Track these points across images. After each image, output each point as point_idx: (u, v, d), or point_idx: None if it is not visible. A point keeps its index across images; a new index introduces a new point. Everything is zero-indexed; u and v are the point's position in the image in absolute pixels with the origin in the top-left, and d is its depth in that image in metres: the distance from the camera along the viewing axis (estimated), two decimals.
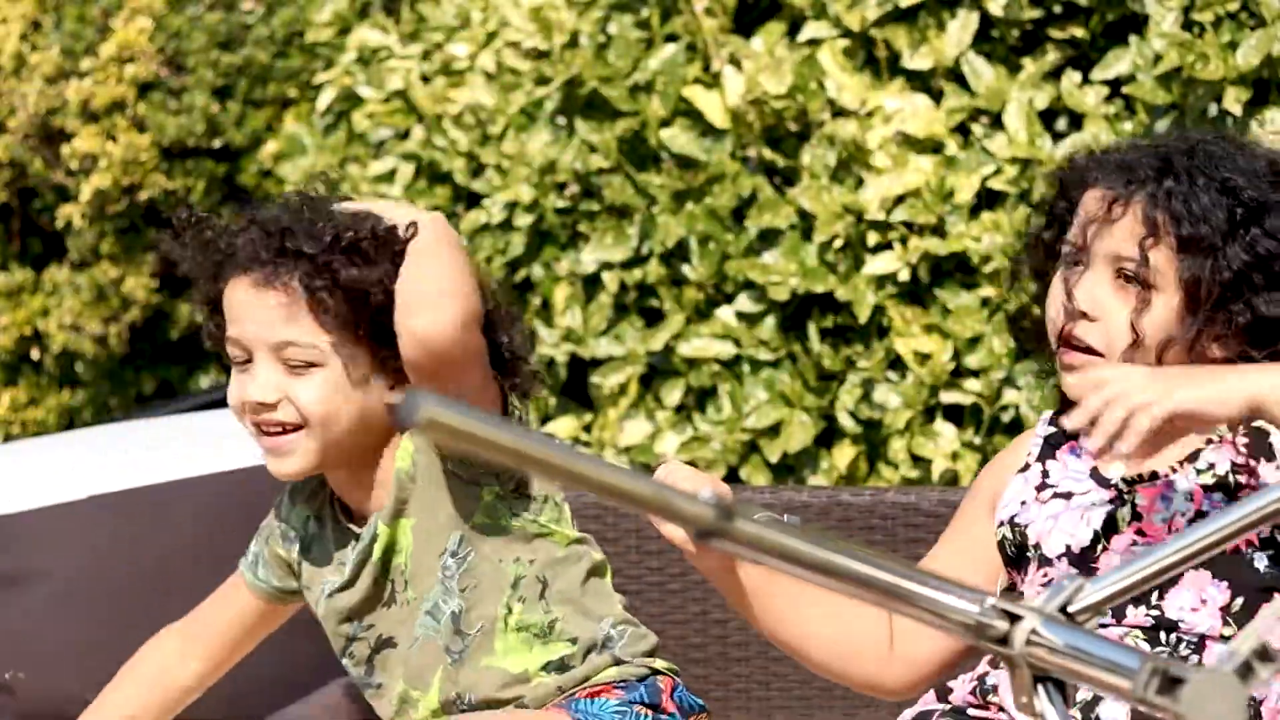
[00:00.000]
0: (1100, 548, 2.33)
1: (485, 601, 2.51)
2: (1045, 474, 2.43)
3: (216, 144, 5.25)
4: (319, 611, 2.60)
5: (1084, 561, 2.34)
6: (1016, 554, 2.41)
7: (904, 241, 3.77)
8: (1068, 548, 2.35)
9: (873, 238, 3.80)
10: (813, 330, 3.92)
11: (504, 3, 4.44)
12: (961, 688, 2.36)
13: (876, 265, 3.77)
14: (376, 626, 2.54)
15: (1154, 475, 2.34)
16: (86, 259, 5.33)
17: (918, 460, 3.78)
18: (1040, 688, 1.60)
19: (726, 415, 3.97)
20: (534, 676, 2.51)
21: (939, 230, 3.75)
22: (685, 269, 4.06)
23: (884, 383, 3.82)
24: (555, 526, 2.54)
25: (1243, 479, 2.29)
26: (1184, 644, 2.26)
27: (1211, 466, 2.31)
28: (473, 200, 4.52)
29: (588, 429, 4.26)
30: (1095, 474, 2.39)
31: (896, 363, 3.81)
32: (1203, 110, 3.46)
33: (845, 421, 3.86)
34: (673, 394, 4.07)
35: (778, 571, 2.23)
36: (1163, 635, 2.27)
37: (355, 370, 2.44)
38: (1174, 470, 2.33)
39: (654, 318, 4.17)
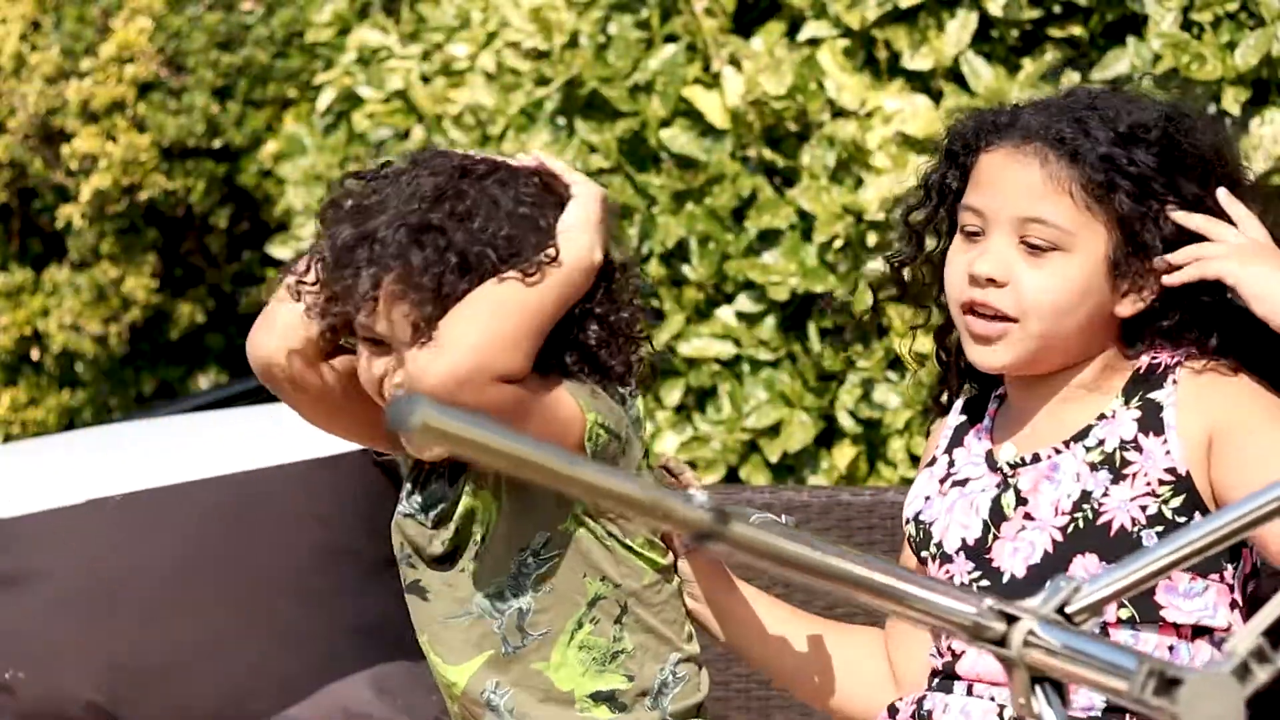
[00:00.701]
0: (991, 537, 2.29)
1: (556, 610, 2.41)
2: (951, 463, 2.39)
3: (216, 144, 5.26)
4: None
5: (979, 554, 2.30)
6: (919, 551, 2.38)
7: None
8: (963, 541, 2.31)
9: (873, 238, 3.80)
10: (813, 330, 3.92)
11: (504, 3, 4.45)
12: (905, 710, 2.35)
13: (876, 265, 3.77)
14: (417, 569, 2.46)
15: (1036, 457, 2.30)
16: (86, 259, 5.33)
17: (917, 460, 3.78)
18: (1038, 689, 1.59)
19: (726, 415, 3.97)
20: (579, 701, 2.41)
21: None
22: (685, 269, 4.06)
23: (884, 382, 3.82)
24: (646, 551, 2.43)
25: (1130, 455, 2.24)
26: None
27: (1101, 443, 2.26)
28: None
29: None
30: (989, 458, 2.35)
31: (896, 363, 3.82)
32: (1201, 110, 3.47)
33: (845, 421, 3.86)
34: (673, 394, 4.07)
35: (776, 576, 2.21)
36: None
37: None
38: (1058, 451, 2.28)
39: (654, 318, 4.17)
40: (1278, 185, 3.46)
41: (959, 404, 2.45)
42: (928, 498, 2.39)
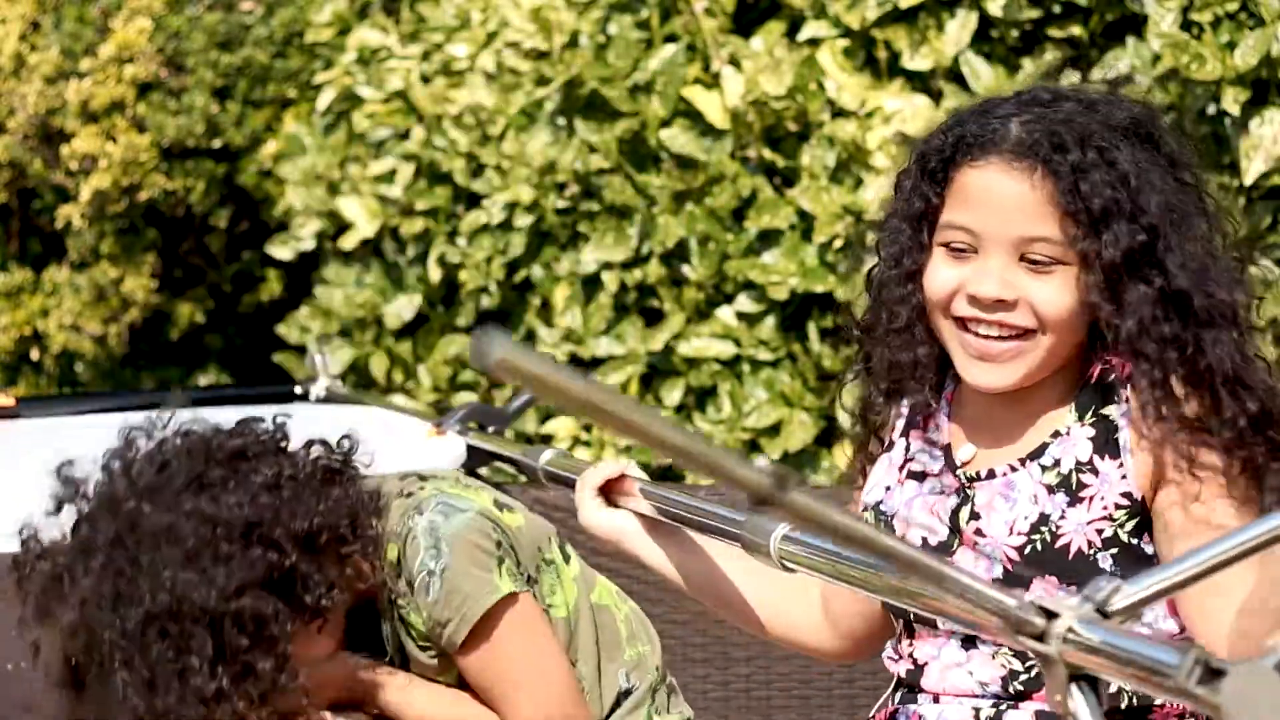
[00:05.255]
0: (957, 543, 2.26)
1: None
2: (908, 449, 2.36)
3: (216, 144, 5.26)
4: None
5: (941, 557, 2.27)
6: None
7: None
8: (924, 541, 2.29)
9: (872, 238, 3.80)
10: (813, 330, 3.92)
11: (504, 3, 4.45)
12: None
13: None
14: None
15: (991, 473, 2.26)
16: (86, 259, 5.33)
17: None
18: (1074, 686, 1.61)
19: (726, 415, 3.97)
20: None
21: None
22: (685, 269, 4.06)
23: None
24: (551, 598, 2.50)
25: (1086, 477, 2.21)
26: None
27: (1057, 463, 2.23)
28: (473, 200, 4.52)
29: (588, 428, 4.27)
30: (948, 454, 2.32)
31: None
32: (1201, 110, 3.46)
33: (845, 421, 3.86)
34: (673, 394, 4.07)
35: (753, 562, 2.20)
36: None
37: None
38: (1014, 469, 2.25)
39: (654, 318, 4.18)
40: (1277, 185, 3.46)
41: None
42: (888, 488, 2.37)
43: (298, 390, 4.06)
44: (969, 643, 2.24)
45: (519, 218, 4.31)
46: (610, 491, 2.52)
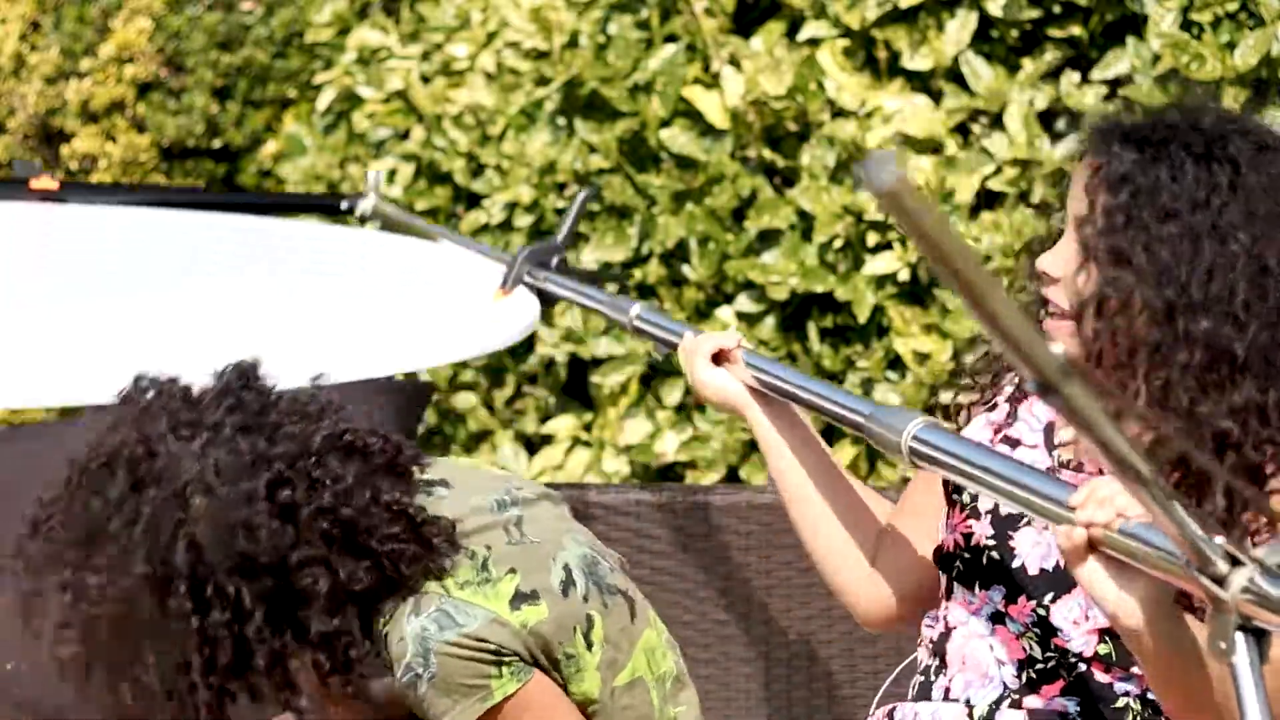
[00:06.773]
0: (1023, 521, 2.23)
1: None
2: (1010, 414, 2.32)
3: (216, 144, 5.26)
4: None
5: (1004, 529, 2.25)
6: (954, 493, 2.32)
7: (903, 242, 3.77)
8: (996, 508, 2.26)
9: (872, 238, 3.80)
10: (813, 330, 3.92)
11: (504, 3, 4.45)
12: None
13: (876, 265, 3.78)
14: None
15: (1080, 467, 2.22)
16: None
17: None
18: (1239, 635, 1.65)
19: (726, 415, 3.97)
20: None
21: None
22: (685, 269, 4.06)
23: (884, 382, 3.82)
24: (567, 687, 2.39)
25: None
26: (1069, 654, 2.17)
27: None
28: (473, 200, 4.52)
29: (588, 428, 4.27)
30: (1048, 431, 2.28)
31: (896, 362, 3.82)
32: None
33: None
34: (673, 393, 4.07)
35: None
36: (1051, 644, 2.18)
37: None
38: (1103, 471, 2.12)
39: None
40: None
41: None
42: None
43: (344, 205, 3.97)
44: (996, 619, 2.22)
45: (519, 218, 4.32)
46: (719, 361, 2.52)
